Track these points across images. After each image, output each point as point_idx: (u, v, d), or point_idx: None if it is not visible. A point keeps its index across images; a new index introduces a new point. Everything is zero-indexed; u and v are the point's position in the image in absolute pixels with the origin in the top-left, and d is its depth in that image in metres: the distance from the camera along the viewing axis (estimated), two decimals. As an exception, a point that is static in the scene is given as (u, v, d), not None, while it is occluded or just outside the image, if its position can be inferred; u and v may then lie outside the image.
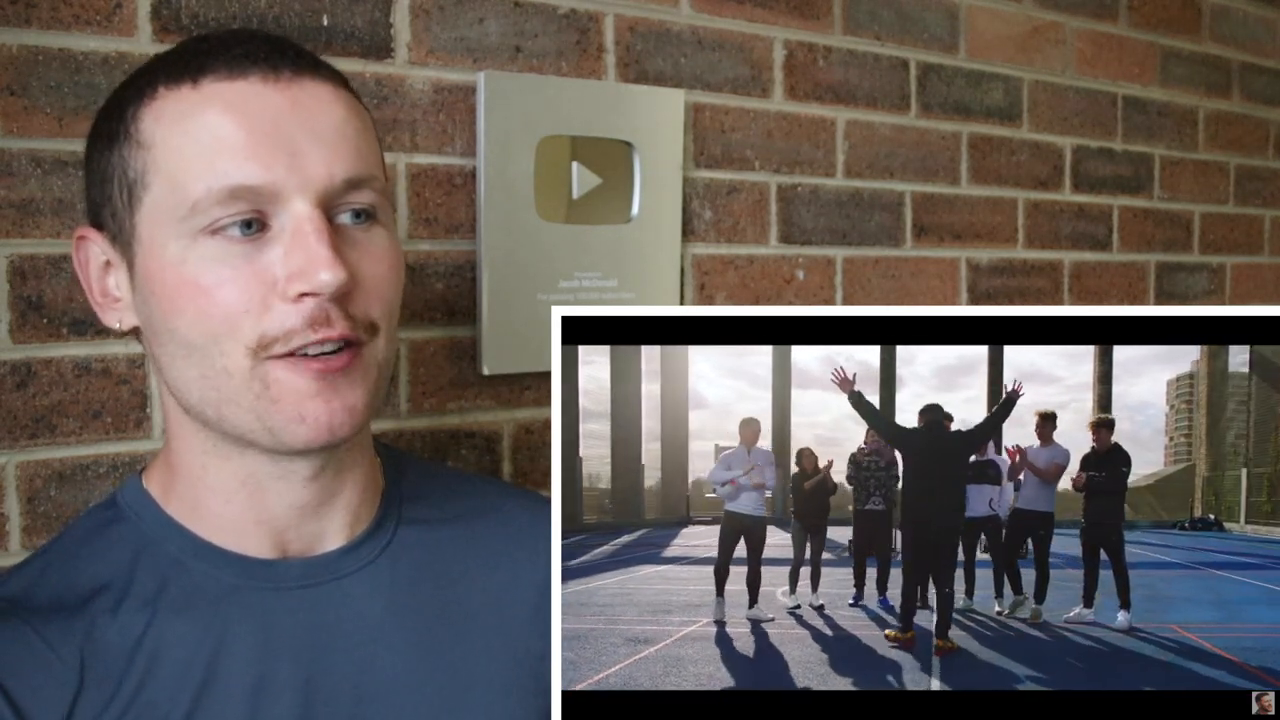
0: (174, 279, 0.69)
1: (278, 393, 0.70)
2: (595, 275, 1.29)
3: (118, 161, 0.72)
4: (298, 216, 0.69)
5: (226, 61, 0.70)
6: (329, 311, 0.70)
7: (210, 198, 0.68)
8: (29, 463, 0.99)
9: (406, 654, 0.81)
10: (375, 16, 1.15)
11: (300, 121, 0.70)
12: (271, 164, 0.68)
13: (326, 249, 0.68)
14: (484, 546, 0.89)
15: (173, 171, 0.69)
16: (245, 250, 0.69)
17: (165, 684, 0.72)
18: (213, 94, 0.69)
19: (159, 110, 0.70)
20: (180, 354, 0.71)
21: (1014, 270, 1.77)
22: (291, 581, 0.78)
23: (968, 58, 1.68)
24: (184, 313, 0.69)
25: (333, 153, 0.71)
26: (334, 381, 0.71)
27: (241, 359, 0.69)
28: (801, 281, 1.51)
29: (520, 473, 1.28)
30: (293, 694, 0.75)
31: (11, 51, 0.96)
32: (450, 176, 1.21)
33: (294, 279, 0.69)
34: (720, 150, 1.42)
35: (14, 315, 0.97)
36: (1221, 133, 2.09)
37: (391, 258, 0.75)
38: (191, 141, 0.69)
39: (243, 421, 0.72)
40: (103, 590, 0.74)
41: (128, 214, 0.71)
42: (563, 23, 1.28)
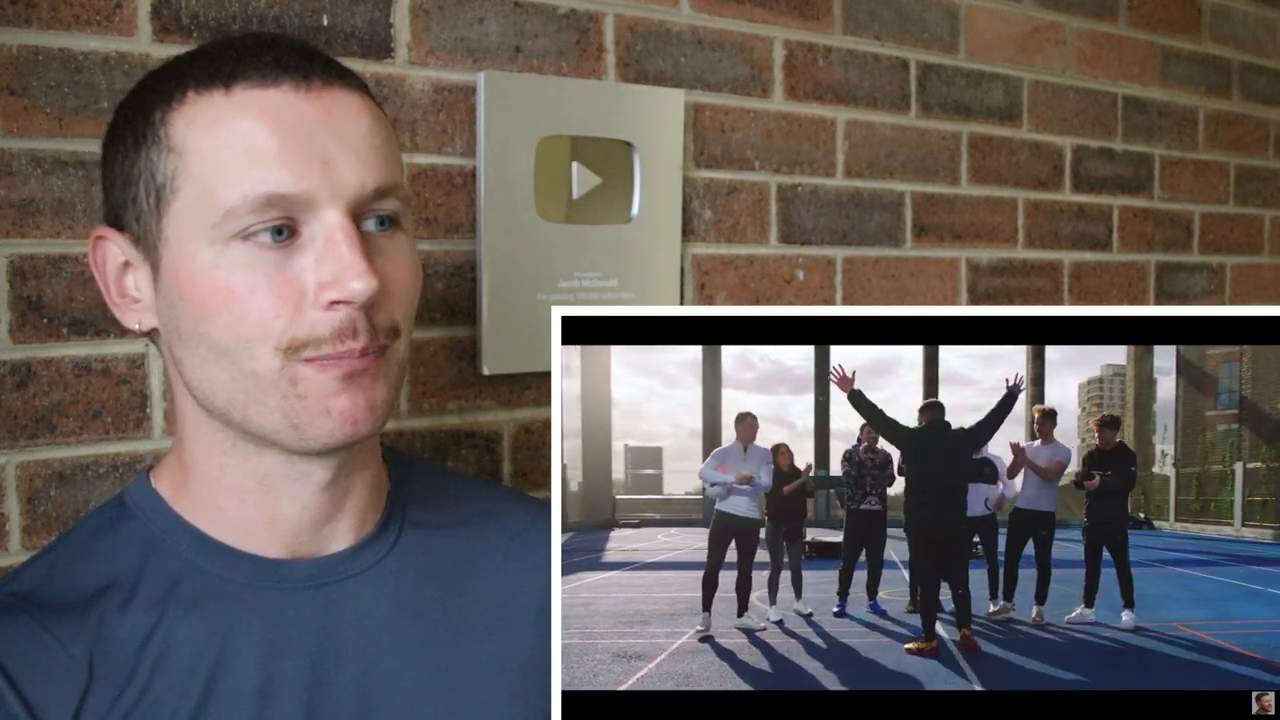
0: (205, 284, 0.70)
1: (304, 389, 0.71)
2: (595, 275, 1.29)
3: (144, 165, 0.72)
4: (330, 225, 0.70)
5: (259, 69, 0.71)
6: (356, 321, 0.71)
7: (245, 205, 0.69)
8: (29, 463, 0.99)
9: (412, 655, 0.81)
10: (375, 16, 1.15)
11: (331, 130, 0.71)
12: (306, 173, 0.69)
13: (360, 258, 0.70)
14: (487, 550, 0.89)
15: (205, 177, 0.69)
16: (277, 257, 0.70)
17: (173, 682, 0.73)
18: (246, 101, 0.70)
19: (190, 115, 0.70)
20: (210, 357, 0.72)
21: (1014, 270, 1.77)
22: (300, 581, 0.79)
23: (968, 58, 1.68)
24: (216, 317, 0.70)
25: (363, 162, 0.72)
26: (359, 380, 0.73)
27: (271, 360, 0.70)
28: (801, 281, 1.51)
29: (520, 473, 1.28)
30: (299, 693, 0.76)
31: (11, 51, 0.96)
32: (450, 176, 1.21)
33: (327, 287, 0.70)
34: (720, 150, 1.42)
35: (14, 315, 0.97)
36: (1221, 133, 2.09)
37: (413, 263, 0.77)
38: (225, 148, 0.69)
39: (269, 421, 0.72)
40: (111, 588, 0.75)
41: (154, 217, 0.72)
42: (563, 23, 1.28)
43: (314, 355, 0.71)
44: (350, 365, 0.72)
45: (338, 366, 0.71)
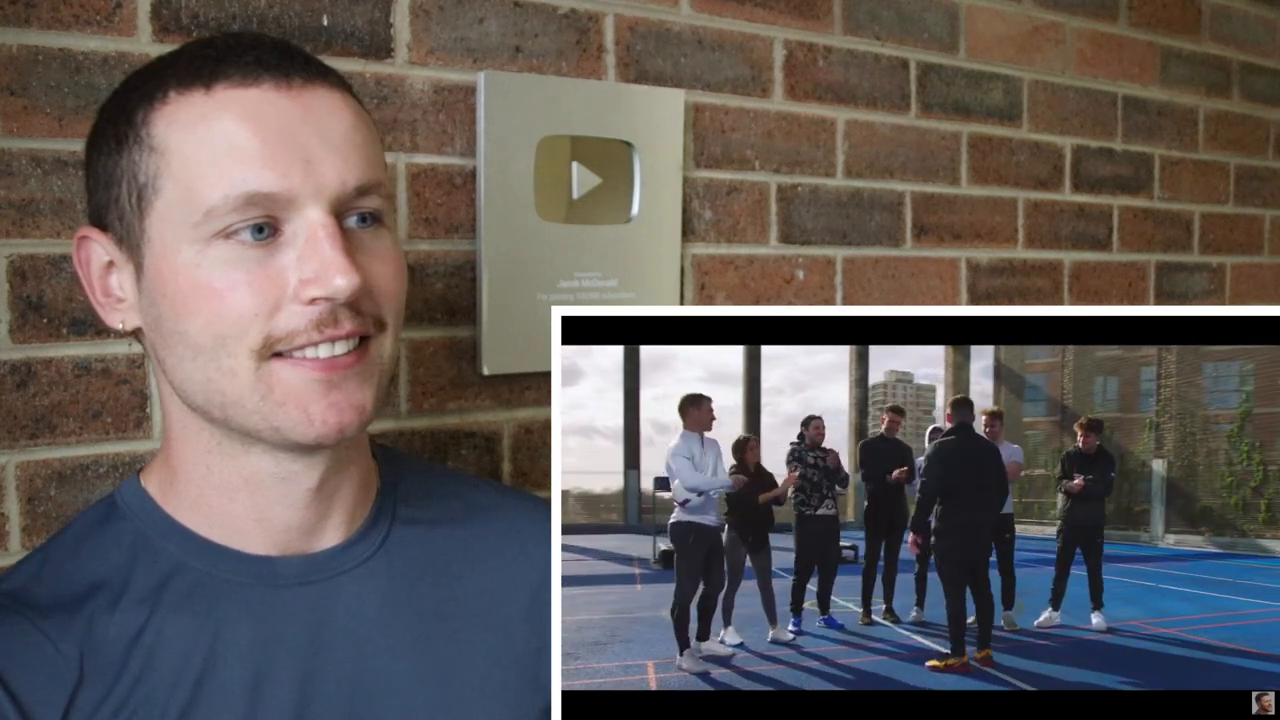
0: (187, 282, 0.70)
1: (282, 395, 0.71)
2: (595, 275, 1.29)
3: (127, 165, 0.72)
4: (311, 223, 0.70)
5: (240, 68, 0.71)
6: (338, 313, 0.71)
7: (226, 204, 0.69)
8: (29, 463, 0.99)
9: (402, 651, 0.81)
10: (375, 16, 1.15)
11: (313, 129, 0.71)
12: (287, 171, 0.70)
13: (341, 255, 0.70)
14: (479, 545, 0.89)
15: (187, 177, 0.70)
16: (258, 255, 0.70)
17: (164, 679, 0.73)
18: (227, 100, 0.70)
19: (171, 115, 0.71)
20: (187, 356, 0.72)
21: (1014, 270, 1.77)
22: (289, 579, 0.79)
23: (968, 58, 1.68)
24: (195, 315, 0.70)
25: (344, 160, 0.72)
26: (341, 380, 0.72)
27: (246, 360, 0.70)
28: (801, 281, 1.51)
29: (520, 472, 1.28)
30: (290, 690, 0.76)
31: (11, 51, 0.96)
32: (450, 176, 1.21)
33: (308, 284, 0.70)
34: (720, 150, 1.42)
35: (14, 315, 0.97)
36: (1221, 133, 2.09)
37: (397, 259, 0.77)
38: (206, 148, 0.69)
39: (249, 421, 0.73)
40: (102, 587, 0.75)
41: (136, 217, 0.72)
42: (563, 23, 1.28)
43: (288, 349, 0.71)
44: (331, 363, 0.72)
45: (315, 366, 0.71)
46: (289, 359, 0.71)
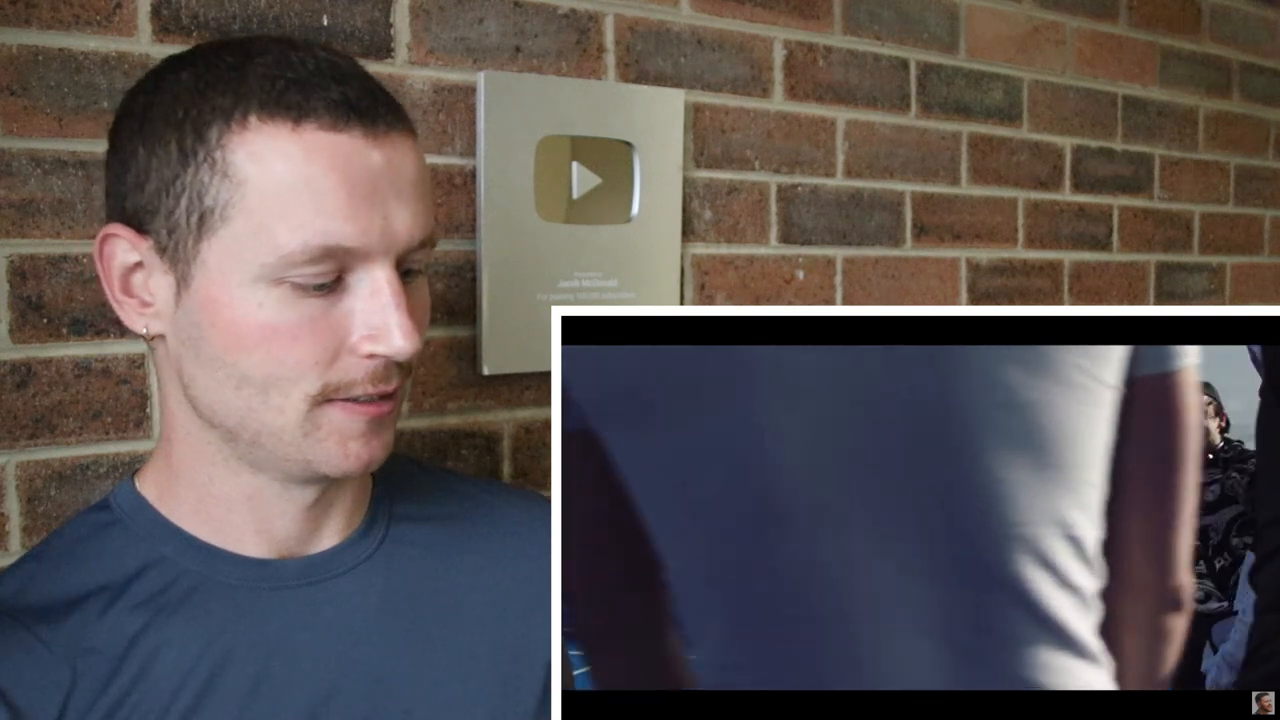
0: (247, 320, 0.69)
1: (327, 432, 0.72)
2: (595, 275, 1.29)
3: (191, 181, 0.69)
4: (378, 279, 0.71)
5: (329, 107, 0.69)
6: (390, 369, 0.73)
7: (305, 254, 0.68)
8: (29, 463, 0.99)
9: (403, 648, 0.81)
10: (375, 16, 1.15)
11: (391, 181, 0.71)
12: (368, 228, 0.69)
13: (406, 318, 0.70)
14: (477, 543, 0.89)
15: (263, 215, 0.68)
16: (321, 304, 0.70)
17: (162, 683, 0.73)
18: (315, 144, 0.68)
19: (253, 145, 0.68)
20: (230, 385, 0.71)
21: (1014, 270, 1.77)
22: (288, 581, 0.79)
23: (968, 58, 1.68)
24: (252, 353, 0.70)
25: (413, 214, 0.72)
26: (378, 424, 0.74)
27: (300, 403, 0.71)
28: (801, 281, 1.51)
29: (520, 472, 1.28)
30: (290, 692, 0.76)
31: (11, 51, 0.96)
32: (450, 176, 1.21)
33: (369, 340, 0.71)
34: (720, 150, 1.42)
35: (14, 315, 0.97)
36: (1221, 133, 2.09)
37: (428, 305, 0.79)
38: (290, 191, 0.68)
39: (279, 450, 0.73)
40: (98, 591, 0.74)
41: (193, 236, 0.70)
42: (563, 23, 1.28)
43: (344, 397, 0.72)
44: (377, 408, 0.73)
45: (366, 411, 0.73)
46: (340, 404, 0.72)
